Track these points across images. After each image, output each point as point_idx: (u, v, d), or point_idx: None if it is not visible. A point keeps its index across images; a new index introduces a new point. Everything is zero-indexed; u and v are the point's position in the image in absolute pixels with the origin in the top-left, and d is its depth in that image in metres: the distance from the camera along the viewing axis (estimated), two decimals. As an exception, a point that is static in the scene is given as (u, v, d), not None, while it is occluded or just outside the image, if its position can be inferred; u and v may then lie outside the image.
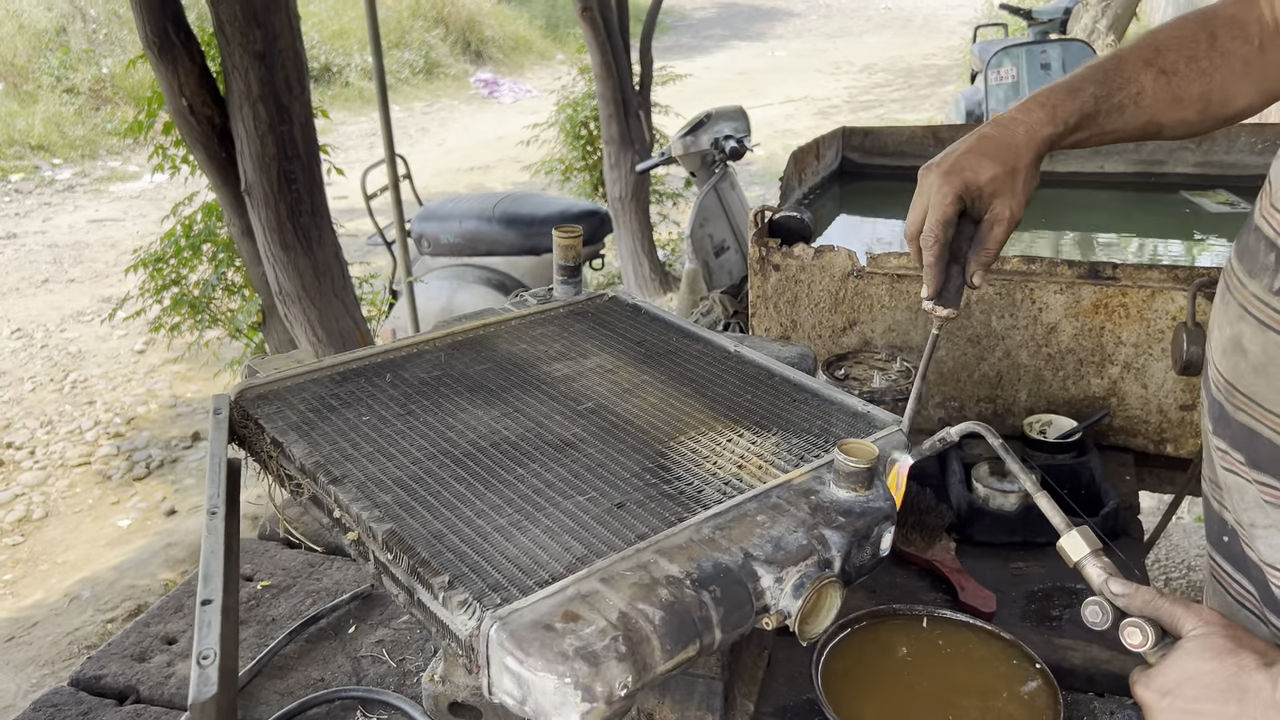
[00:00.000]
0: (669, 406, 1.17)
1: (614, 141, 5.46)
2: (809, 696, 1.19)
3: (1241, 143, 2.38)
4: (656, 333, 1.37)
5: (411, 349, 1.30)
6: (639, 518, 0.97)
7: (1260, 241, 0.85)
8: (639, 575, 0.87)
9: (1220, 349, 0.90)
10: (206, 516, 1.02)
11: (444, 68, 13.57)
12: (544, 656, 0.79)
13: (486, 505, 0.99)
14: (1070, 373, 1.70)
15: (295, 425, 1.12)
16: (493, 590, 0.86)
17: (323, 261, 2.62)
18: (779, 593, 0.91)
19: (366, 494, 1.01)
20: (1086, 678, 1.24)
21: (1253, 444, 0.85)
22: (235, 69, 2.39)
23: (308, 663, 1.29)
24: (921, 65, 13.67)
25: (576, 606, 0.84)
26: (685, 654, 0.85)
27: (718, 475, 1.04)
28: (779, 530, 0.94)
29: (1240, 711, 0.77)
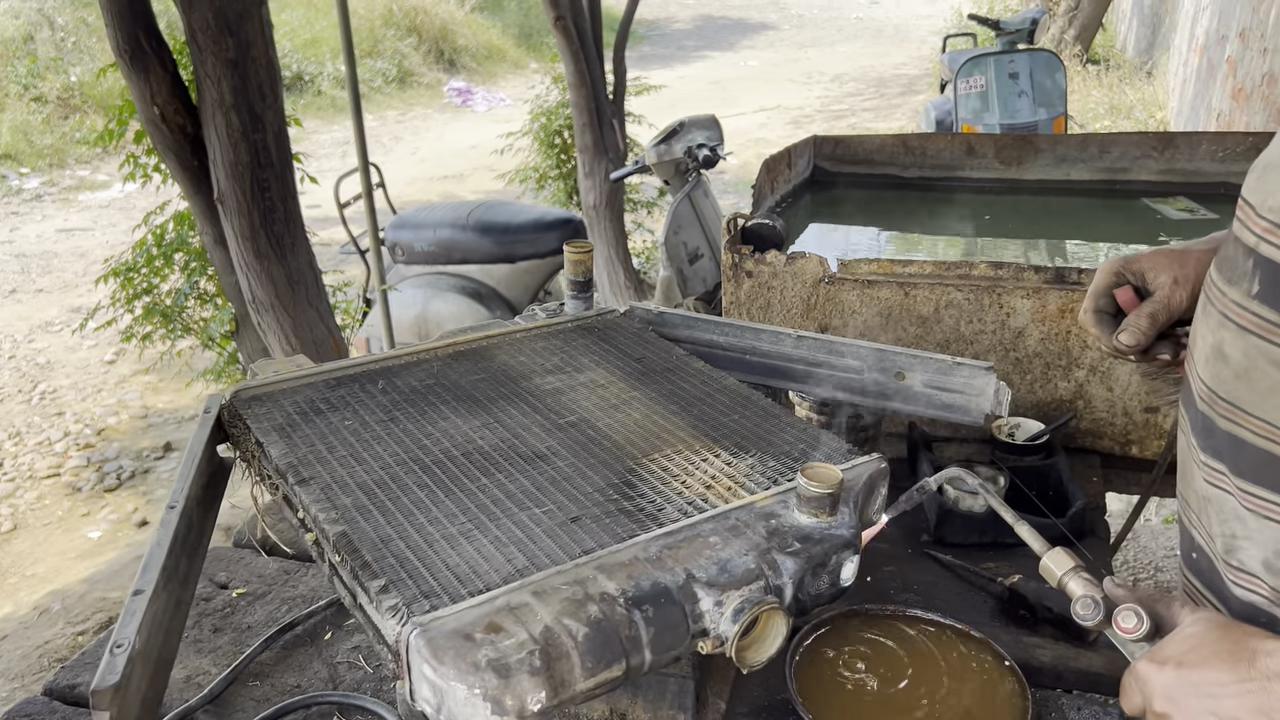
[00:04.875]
0: (651, 423, 1.17)
1: (588, 150, 5.47)
2: (782, 696, 1.20)
3: (1203, 151, 2.43)
4: (659, 350, 1.36)
5: (411, 357, 1.31)
6: (591, 533, 0.96)
7: (1239, 250, 0.87)
8: (573, 590, 0.87)
9: (1203, 359, 0.91)
10: (165, 510, 1.03)
11: (417, 76, 13.54)
12: (456, 666, 0.79)
13: (441, 513, 0.99)
14: (1038, 376, 1.73)
15: (279, 426, 1.13)
16: (425, 597, 0.86)
17: (296, 270, 2.62)
18: (718, 616, 0.89)
19: (329, 496, 1.02)
20: (1055, 675, 1.27)
21: (1237, 452, 0.87)
22: (208, 77, 2.39)
23: (284, 669, 1.29)
24: (892, 75, 13.79)
25: (501, 618, 0.83)
26: (609, 673, 0.85)
27: (683, 494, 1.03)
28: (729, 553, 0.93)
29: (1249, 674, 0.77)
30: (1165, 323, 1.07)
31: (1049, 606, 1.35)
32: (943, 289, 1.72)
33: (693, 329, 1.45)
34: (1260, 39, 5.14)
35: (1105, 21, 11.13)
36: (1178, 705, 0.80)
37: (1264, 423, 0.83)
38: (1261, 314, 0.83)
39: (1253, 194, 0.88)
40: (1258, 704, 0.76)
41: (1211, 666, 0.80)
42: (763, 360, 1.41)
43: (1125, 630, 0.88)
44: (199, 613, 1.41)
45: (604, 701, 1.11)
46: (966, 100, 5.56)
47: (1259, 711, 0.76)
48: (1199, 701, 0.79)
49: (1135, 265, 1.09)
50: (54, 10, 11.02)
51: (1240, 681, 0.77)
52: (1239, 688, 0.77)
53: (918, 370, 1.34)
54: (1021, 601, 1.37)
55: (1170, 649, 0.83)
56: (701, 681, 1.11)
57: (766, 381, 1.41)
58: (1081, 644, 1.32)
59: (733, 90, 12.81)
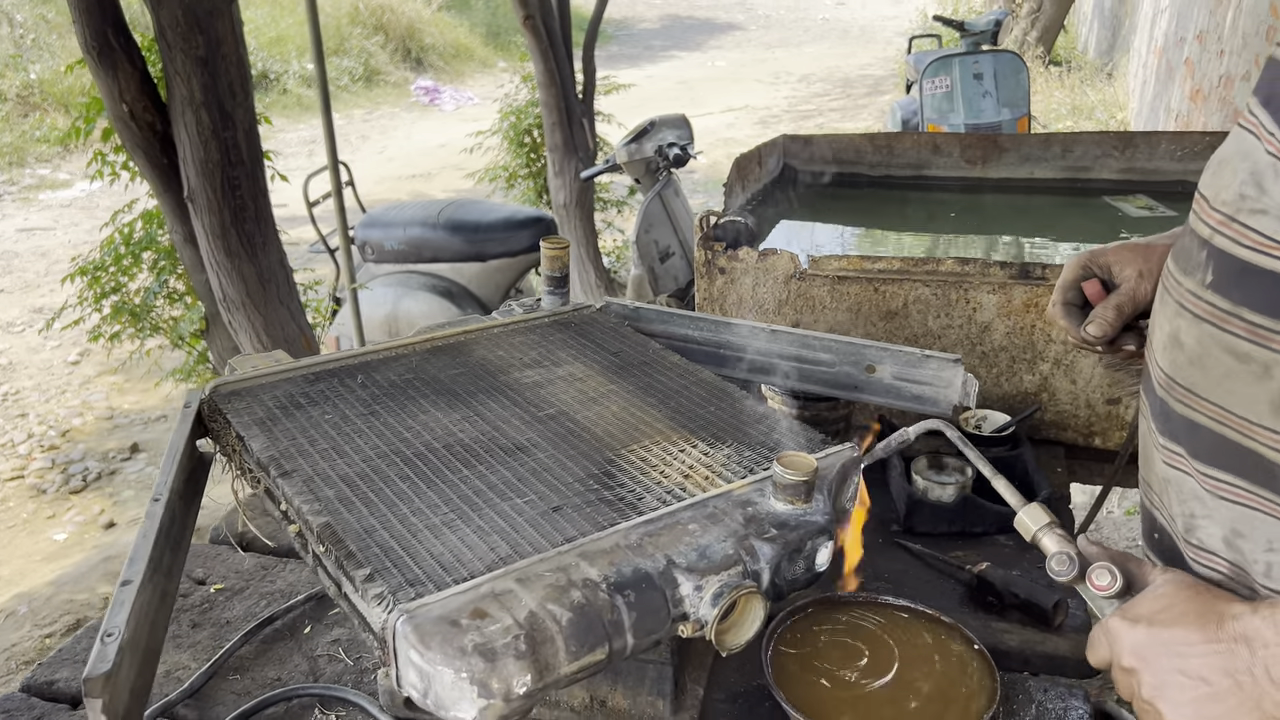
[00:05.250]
0: (629, 415, 1.19)
1: (558, 149, 5.49)
2: (758, 682, 1.23)
3: (1162, 150, 2.49)
4: (636, 344, 1.39)
5: (390, 352, 1.32)
6: (572, 522, 0.98)
7: (1194, 241, 0.90)
8: (556, 577, 0.89)
9: (1161, 346, 0.94)
10: (150, 502, 1.03)
11: (384, 75, 13.47)
12: (443, 651, 0.81)
13: (424, 504, 1.01)
14: (1003, 370, 1.77)
15: (259, 420, 1.14)
16: (410, 585, 0.88)
17: (267, 268, 2.61)
18: (698, 601, 0.92)
19: (311, 488, 1.03)
20: (1022, 659, 1.30)
21: (1193, 435, 0.90)
22: (177, 74, 2.38)
23: (264, 663, 1.30)
24: (859, 75, 13.90)
25: (486, 604, 0.85)
26: (593, 657, 0.87)
27: (662, 484, 1.06)
28: (708, 539, 0.96)
29: (1218, 635, 0.79)
30: (1131, 314, 1.10)
31: (1015, 593, 1.38)
32: (911, 285, 1.76)
33: (668, 324, 1.47)
34: (1217, 41, 5.25)
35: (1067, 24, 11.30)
36: (1146, 662, 0.83)
37: (1218, 408, 0.86)
38: (1215, 303, 0.86)
39: (1207, 188, 0.91)
40: (1224, 664, 0.79)
41: (1181, 626, 0.82)
42: (737, 354, 1.44)
43: (1099, 587, 0.90)
44: (177, 608, 1.41)
45: (584, 688, 1.13)
46: (932, 100, 5.63)
47: (1225, 672, 0.79)
48: (1168, 660, 0.82)
49: (1101, 259, 1.13)
50: (13, 7, 10.85)
51: (1208, 642, 0.80)
52: (1206, 648, 0.80)
53: (888, 363, 1.37)
54: (989, 588, 1.41)
55: (1142, 607, 0.86)
56: (680, 668, 1.13)
57: (741, 375, 1.44)
58: (1047, 629, 1.35)
59: (700, 90, 12.86)
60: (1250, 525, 0.86)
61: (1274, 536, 0.85)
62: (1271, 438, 0.82)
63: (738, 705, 1.21)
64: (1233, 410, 0.85)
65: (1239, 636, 0.79)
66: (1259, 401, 0.82)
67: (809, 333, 1.39)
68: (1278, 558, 0.85)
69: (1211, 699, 0.79)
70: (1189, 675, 0.80)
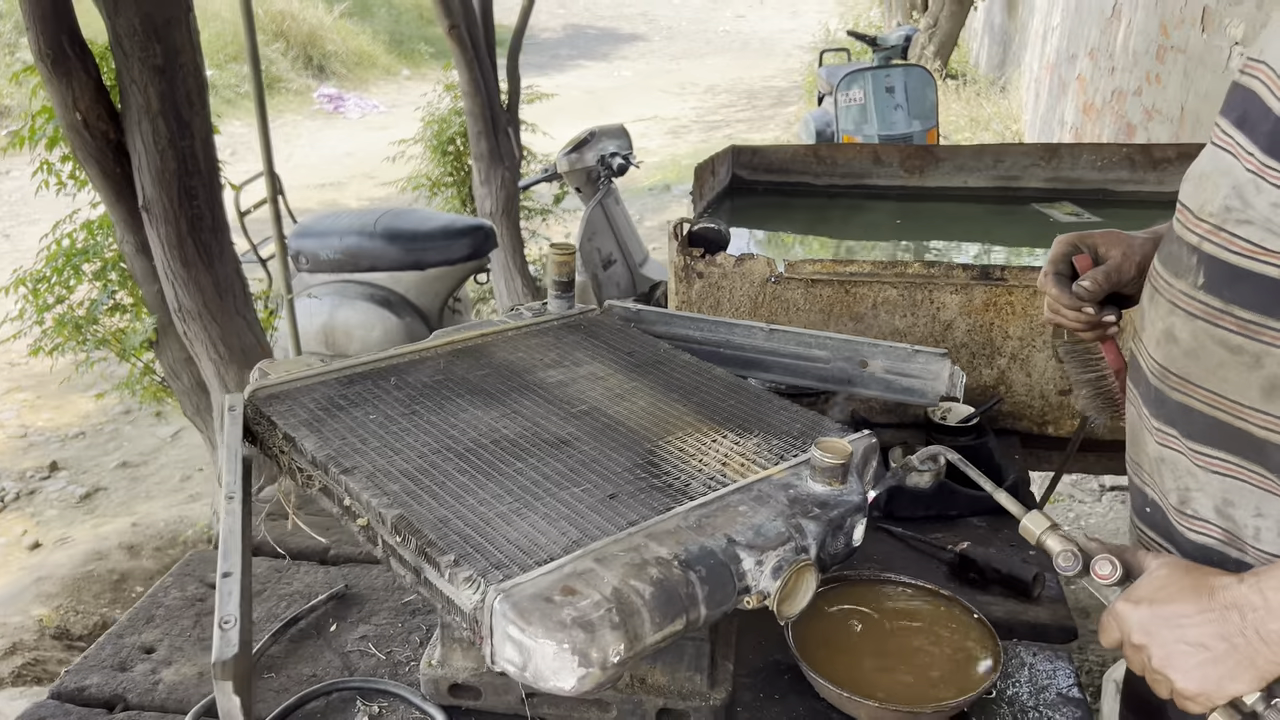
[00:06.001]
0: (657, 410, 1.27)
1: (484, 158, 5.50)
2: (775, 658, 1.32)
3: (1084, 160, 2.68)
4: (646, 344, 1.46)
5: (414, 355, 1.36)
6: (630, 507, 1.06)
7: (1183, 248, 1.02)
8: (630, 556, 0.96)
9: (1154, 341, 1.06)
10: (224, 501, 1.07)
11: (285, 82, 13.19)
12: (544, 625, 0.87)
13: (488, 494, 1.07)
14: (964, 364, 1.91)
15: (306, 422, 1.17)
16: (495, 568, 0.94)
17: (224, 278, 2.59)
18: (759, 574, 1.00)
19: (376, 483, 1.08)
20: (1007, 627, 1.42)
21: (1188, 418, 1.01)
22: (134, 83, 2.35)
23: (296, 661, 1.33)
24: (762, 87, 14.21)
25: (573, 582, 0.92)
26: (673, 627, 0.94)
27: (703, 471, 1.14)
28: (760, 519, 1.04)
29: (1210, 605, 0.90)
30: (1116, 284, 1.22)
31: (996, 568, 1.50)
32: (879, 286, 1.88)
33: (670, 325, 1.55)
34: (1109, 58, 5.59)
35: (960, 39, 11.78)
36: (1152, 636, 0.94)
37: (1212, 393, 0.99)
38: (1208, 302, 0.98)
39: (1190, 200, 1.04)
40: (1218, 630, 0.90)
41: (1178, 601, 0.93)
42: (736, 353, 1.53)
43: (1102, 577, 1.02)
44: (197, 612, 1.43)
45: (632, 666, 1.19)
46: (846, 112, 5.85)
47: (1220, 637, 0.90)
48: (1170, 632, 0.93)
49: (1089, 240, 1.25)
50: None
51: (1203, 612, 0.91)
52: (1203, 618, 0.91)
53: (880, 358, 1.48)
54: (972, 565, 1.52)
55: (1142, 590, 0.97)
56: (715, 645, 1.21)
57: (740, 372, 1.52)
58: (1028, 600, 1.48)
59: (608, 100, 12.97)
60: (1240, 495, 0.99)
61: (1261, 503, 0.97)
62: (1261, 418, 0.94)
63: (758, 679, 1.29)
64: (1226, 395, 0.97)
65: (1230, 604, 0.90)
66: (1250, 387, 0.94)
67: (806, 331, 1.49)
68: (1265, 522, 0.98)
69: (1213, 662, 0.90)
70: (1190, 644, 0.91)
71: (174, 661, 1.33)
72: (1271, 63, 0.95)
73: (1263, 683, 0.90)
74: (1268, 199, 0.92)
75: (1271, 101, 0.94)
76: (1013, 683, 1.29)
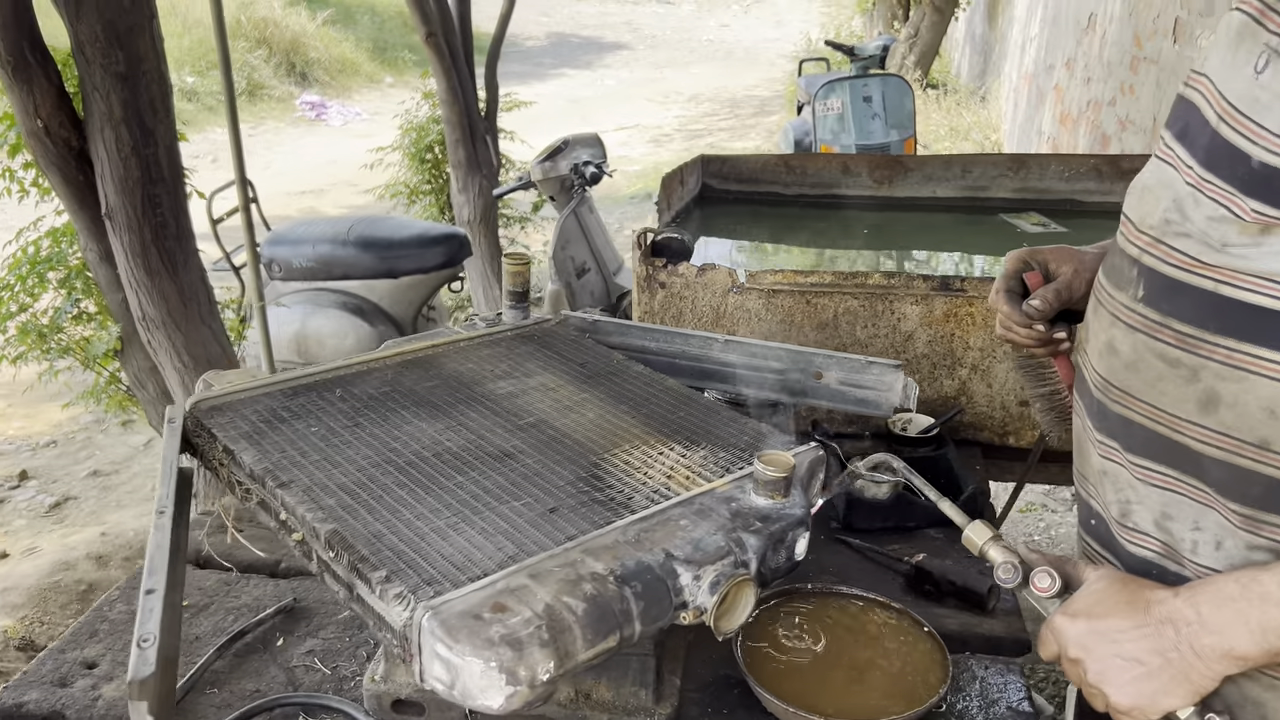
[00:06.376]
0: (605, 422, 1.26)
1: (461, 166, 5.49)
2: (725, 673, 1.30)
3: (1052, 171, 2.69)
4: (599, 355, 1.45)
5: (362, 366, 1.35)
6: (570, 521, 1.05)
7: (1124, 260, 1.02)
8: (565, 572, 0.95)
9: (1097, 353, 1.06)
10: (155, 515, 1.06)
11: (268, 89, 13.16)
12: (471, 643, 0.86)
13: (426, 509, 1.06)
14: (926, 375, 1.90)
15: (246, 434, 1.16)
16: (427, 584, 0.93)
17: (189, 286, 2.57)
18: (697, 590, 0.99)
19: (312, 498, 1.07)
20: (961, 640, 1.41)
21: (1129, 432, 1.01)
22: (96, 90, 2.33)
23: (240, 675, 1.31)
24: (745, 96, 14.25)
25: (505, 599, 0.91)
26: (606, 644, 0.93)
27: (647, 484, 1.12)
28: (699, 533, 1.03)
29: (1146, 620, 0.90)
30: (1066, 301, 1.22)
31: (951, 580, 1.50)
32: (840, 297, 1.87)
33: (626, 335, 1.54)
34: (1084, 69, 5.63)
35: (941, 49, 11.86)
36: (1088, 651, 0.94)
37: (1151, 406, 0.98)
38: (1147, 315, 0.98)
39: (1133, 211, 1.04)
40: (1153, 645, 0.90)
41: (1115, 616, 0.93)
42: (692, 364, 1.52)
43: (1041, 589, 1.02)
44: (142, 627, 1.41)
45: (569, 683, 1.18)
46: (824, 122, 5.86)
47: (1154, 652, 0.90)
48: (1106, 646, 0.93)
49: (1040, 256, 1.25)
50: None
51: (1138, 627, 0.91)
52: (1138, 632, 0.91)
53: (834, 369, 1.47)
54: (927, 577, 1.52)
55: (1080, 603, 0.97)
56: (660, 659, 1.20)
57: (696, 383, 1.52)
58: (982, 612, 1.47)
59: (591, 109, 12.99)
60: (1179, 508, 0.99)
61: (1198, 517, 0.97)
62: (1198, 432, 0.94)
63: (707, 693, 1.28)
64: (1164, 409, 0.97)
65: (1164, 619, 0.90)
66: (1187, 400, 0.94)
67: (761, 342, 1.49)
68: (1202, 535, 0.97)
69: (1147, 677, 0.90)
70: (1125, 658, 0.91)
71: (115, 677, 1.31)
72: (1211, 75, 0.95)
73: (1197, 697, 0.90)
74: (1205, 212, 0.92)
75: (1209, 114, 0.94)
76: (963, 696, 1.29)
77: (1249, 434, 0.89)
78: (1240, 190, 0.88)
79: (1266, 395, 0.87)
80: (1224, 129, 0.90)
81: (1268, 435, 0.88)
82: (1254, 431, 0.89)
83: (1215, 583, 0.90)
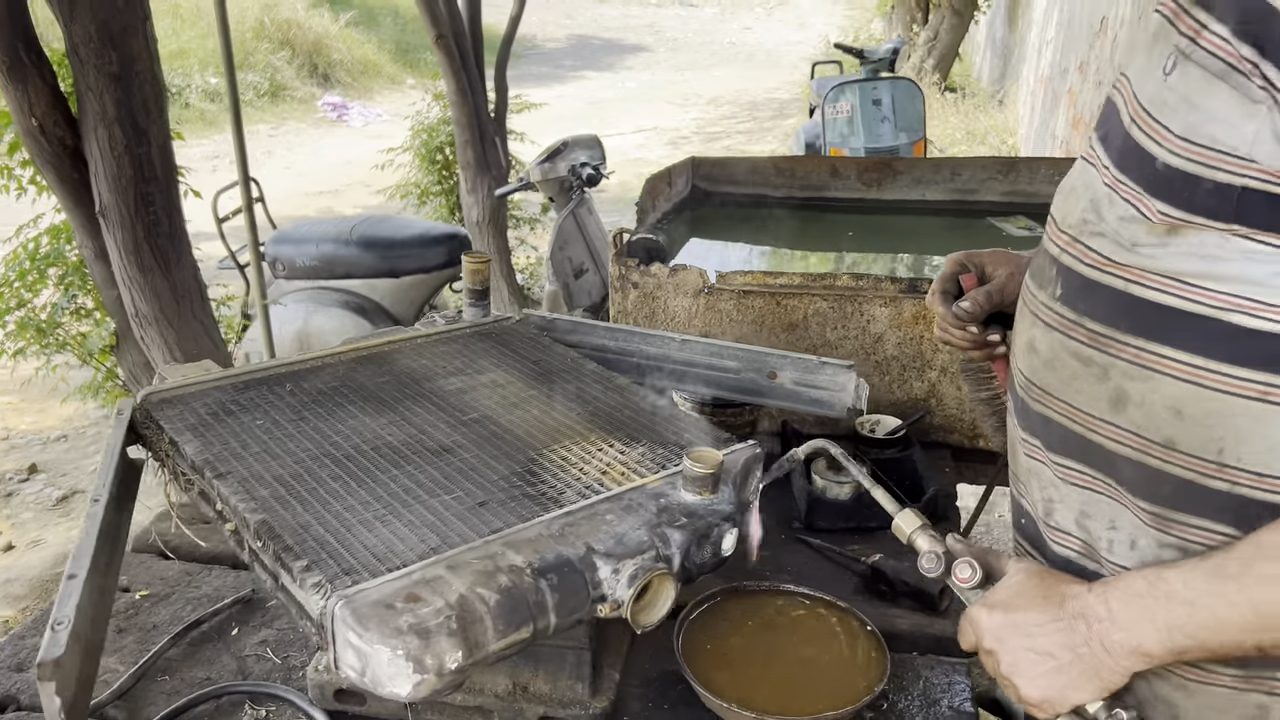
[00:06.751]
0: (549, 419, 1.27)
1: (470, 167, 5.53)
2: (669, 668, 1.31)
3: (1042, 174, 2.68)
4: (554, 354, 1.46)
5: (317, 361, 1.37)
6: (498, 515, 1.06)
7: (1046, 258, 1.03)
8: (483, 564, 0.96)
9: (1020, 351, 1.07)
10: (90, 504, 1.08)
11: (290, 90, 13.29)
12: (380, 632, 0.88)
13: (356, 501, 1.07)
14: (895, 377, 1.90)
15: (192, 426, 1.18)
16: (346, 574, 0.95)
17: (181, 283, 2.61)
18: (614, 583, 1.00)
19: (247, 489, 1.08)
20: (911, 641, 1.42)
21: (1047, 429, 1.02)
22: (90, 90, 2.38)
23: (192, 664, 1.34)
24: (765, 99, 14.24)
25: (419, 589, 0.92)
26: (518, 635, 0.94)
27: (581, 479, 1.14)
28: (624, 527, 1.04)
29: (1060, 614, 0.91)
30: (999, 304, 1.23)
31: (905, 581, 1.50)
32: (810, 299, 1.88)
33: (584, 334, 1.55)
34: (1096, 72, 5.59)
35: (962, 52, 11.80)
36: (1002, 643, 0.95)
37: (1067, 405, 0.99)
38: (1063, 313, 0.98)
39: (1057, 211, 1.04)
40: (1064, 640, 0.91)
41: (1030, 609, 0.94)
42: (649, 362, 1.53)
43: (961, 580, 1.03)
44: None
45: (507, 675, 1.20)
46: (834, 124, 5.85)
47: (1066, 646, 0.91)
48: (1020, 640, 0.94)
49: (977, 258, 1.26)
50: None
51: (1053, 621, 0.92)
52: (1052, 626, 0.92)
53: (788, 369, 1.48)
54: (882, 578, 1.52)
55: (998, 595, 0.98)
56: (597, 653, 1.21)
57: (653, 382, 1.53)
58: (935, 613, 1.47)
59: (611, 111, 13.02)
60: (1096, 507, 0.99)
61: (1114, 516, 0.98)
62: (1110, 430, 0.95)
63: (651, 689, 1.29)
64: (1079, 407, 0.98)
65: (1077, 614, 0.90)
66: (1099, 399, 0.95)
67: (716, 341, 1.50)
68: (1117, 534, 0.98)
69: (1057, 671, 0.91)
70: (1038, 651, 0.92)
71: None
72: (1130, 77, 0.96)
73: (1105, 692, 0.91)
74: (1118, 212, 0.92)
75: (1124, 115, 0.94)
76: (905, 695, 1.29)
77: (1156, 433, 0.90)
78: (1147, 191, 0.88)
79: (1172, 395, 0.88)
80: (1134, 130, 0.91)
81: (1173, 435, 0.89)
82: (1160, 431, 0.90)
83: (1125, 579, 0.91)
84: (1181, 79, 0.87)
